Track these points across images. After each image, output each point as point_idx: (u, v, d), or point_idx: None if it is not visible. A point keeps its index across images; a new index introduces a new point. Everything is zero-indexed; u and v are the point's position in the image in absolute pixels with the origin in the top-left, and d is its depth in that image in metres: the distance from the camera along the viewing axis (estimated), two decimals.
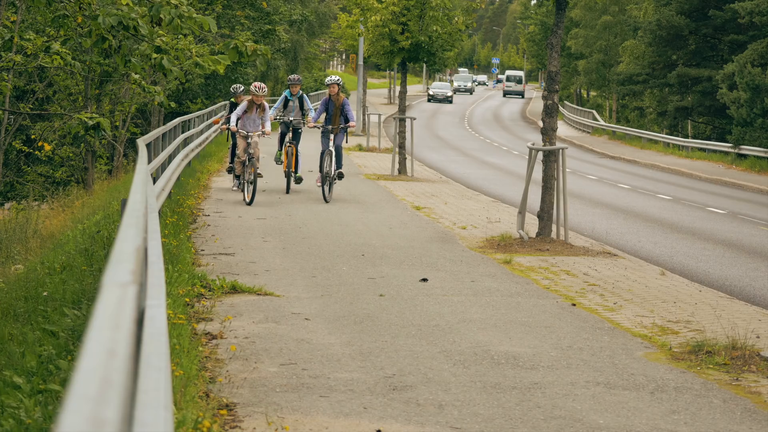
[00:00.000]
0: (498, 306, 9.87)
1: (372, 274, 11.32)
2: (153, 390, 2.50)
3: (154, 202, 7.69)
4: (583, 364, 7.75)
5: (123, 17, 11.05)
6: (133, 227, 2.92)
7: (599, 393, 6.95)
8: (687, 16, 47.21)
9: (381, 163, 29.46)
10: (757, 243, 16.74)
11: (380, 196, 20.30)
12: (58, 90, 31.98)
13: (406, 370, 7.32)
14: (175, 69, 11.49)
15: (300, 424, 5.99)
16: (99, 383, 1.28)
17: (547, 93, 14.46)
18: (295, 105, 19.38)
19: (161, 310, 3.49)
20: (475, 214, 17.95)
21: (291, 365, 7.34)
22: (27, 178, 33.38)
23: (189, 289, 9.61)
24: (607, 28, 69.92)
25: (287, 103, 19.44)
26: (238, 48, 10.86)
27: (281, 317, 8.96)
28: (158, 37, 11.50)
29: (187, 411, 5.62)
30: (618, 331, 9.04)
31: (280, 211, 16.88)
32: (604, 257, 13.67)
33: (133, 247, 2.45)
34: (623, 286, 11.46)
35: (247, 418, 6.06)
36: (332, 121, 18.58)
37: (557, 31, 14.34)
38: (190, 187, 19.35)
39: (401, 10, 24.09)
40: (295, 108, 19.36)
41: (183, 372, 6.24)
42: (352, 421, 6.12)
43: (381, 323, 8.86)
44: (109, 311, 1.68)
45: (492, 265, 12.39)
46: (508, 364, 7.64)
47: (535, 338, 8.55)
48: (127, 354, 1.46)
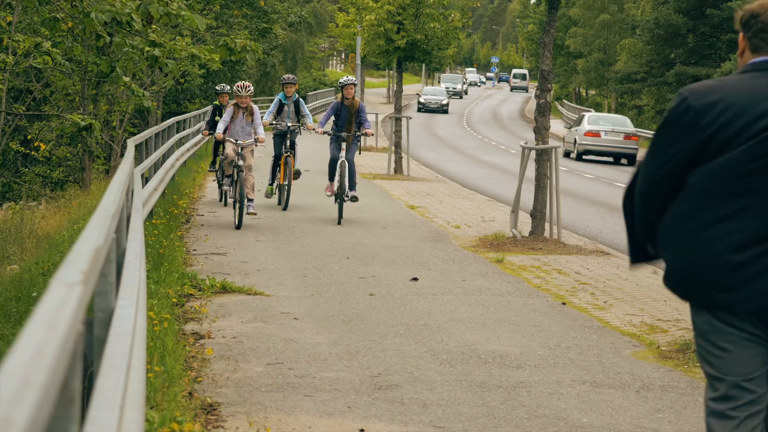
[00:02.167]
0: (488, 305, 9.87)
1: (363, 274, 11.32)
2: (110, 390, 2.50)
3: (139, 202, 7.70)
4: (570, 362, 7.75)
5: (116, 14, 11.07)
6: (98, 227, 2.93)
7: (584, 392, 6.95)
8: (685, 15, 47.23)
9: (378, 162, 29.47)
10: None
11: (375, 195, 20.30)
12: (55, 90, 31.99)
13: (392, 369, 7.32)
14: (170, 62, 11.48)
15: (283, 424, 5.99)
16: (17, 384, 1.28)
17: (539, 92, 14.46)
18: (290, 110, 16.69)
19: (131, 310, 3.49)
20: (469, 213, 17.95)
21: (277, 365, 7.34)
22: (24, 178, 33.39)
23: (178, 288, 9.61)
24: (606, 27, 69.96)
25: (282, 107, 16.73)
26: (228, 45, 10.86)
27: (270, 317, 8.96)
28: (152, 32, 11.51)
29: (167, 411, 5.61)
30: (607, 329, 9.05)
31: (274, 211, 16.88)
32: (597, 256, 13.68)
33: (91, 247, 2.45)
34: (614, 284, 11.46)
35: (231, 418, 6.06)
36: (346, 128, 15.85)
37: (549, 30, 14.34)
38: (185, 187, 19.36)
39: (396, 9, 24.10)
40: (290, 113, 16.67)
41: (165, 371, 6.24)
42: (335, 420, 6.12)
43: (370, 322, 8.86)
44: (48, 312, 1.68)
45: (484, 264, 12.39)
46: (495, 363, 7.64)
47: (523, 337, 8.55)
48: (56, 355, 1.46)
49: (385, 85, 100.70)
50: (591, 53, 70.26)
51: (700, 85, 4.03)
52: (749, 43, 4.04)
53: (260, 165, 22.13)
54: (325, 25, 67.58)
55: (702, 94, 3.95)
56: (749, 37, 4.04)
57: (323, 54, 78.08)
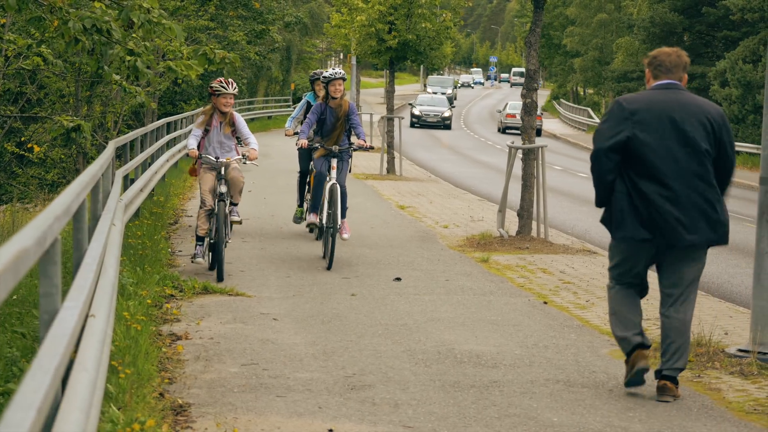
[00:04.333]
0: (469, 305, 9.87)
1: (347, 274, 11.32)
2: (31, 392, 2.50)
3: (113, 204, 7.70)
4: (546, 362, 7.76)
5: (96, 20, 11.07)
6: (34, 228, 2.93)
7: (557, 390, 6.95)
8: (680, 13, 47.22)
9: (371, 162, 29.48)
10: (740, 240, 16.73)
11: (366, 195, 20.30)
12: (49, 92, 32.00)
13: (367, 369, 7.33)
14: (149, 72, 11.50)
15: (252, 425, 5.99)
16: None
17: (526, 91, 14.46)
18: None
19: (75, 312, 3.49)
20: (459, 213, 17.96)
21: (252, 365, 7.34)
22: (19, 180, 33.40)
23: (158, 290, 9.61)
24: (603, 26, 69.93)
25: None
26: (207, 55, 10.86)
27: (249, 317, 8.97)
28: (131, 40, 11.51)
29: (134, 411, 5.62)
30: (586, 328, 9.05)
31: (262, 211, 16.88)
32: (584, 255, 13.68)
33: (15, 248, 2.47)
34: (598, 283, 11.46)
35: (200, 419, 6.06)
36: (331, 138, 11.93)
37: (535, 30, 14.34)
38: (175, 188, 19.37)
39: (388, 9, 24.10)
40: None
41: (134, 372, 6.24)
42: (305, 420, 6.12)
43: (349, 323, 8.86)
44: None
45: (468, 264, 12.40)
46: (471, 362, 7.64)
47: (501, 336, 8.56)
48: None
49: (382, 85, 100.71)
50: (588, 52, 70.25)
51: (629, 95, 6.99)
52: (652, 73, 6.98)
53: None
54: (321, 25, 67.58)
55: (630, 101, 6.89)
56: (652, 70, 6.98)
57: (321, 55, 78.02)
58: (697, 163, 6.70)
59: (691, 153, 6.70)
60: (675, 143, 6.70)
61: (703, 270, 7.14)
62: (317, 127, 11.99)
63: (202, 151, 11.13)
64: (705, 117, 6.77)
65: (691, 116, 6.75)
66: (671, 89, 6.85)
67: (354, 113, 12.04)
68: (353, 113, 12.03)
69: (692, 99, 6.88)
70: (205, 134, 11.14)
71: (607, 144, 6.73)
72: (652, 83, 6.94)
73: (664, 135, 6.71)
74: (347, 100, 12.01)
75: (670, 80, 6.89)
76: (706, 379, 7.46)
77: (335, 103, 11.90)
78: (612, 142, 6.72)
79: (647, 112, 6.74)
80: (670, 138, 6.70)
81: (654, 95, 6.83)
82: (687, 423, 6.38)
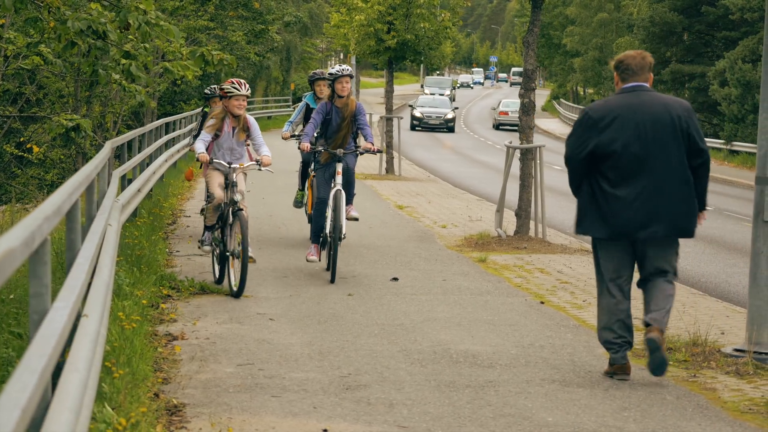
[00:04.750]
0: (465, 305, 9.87)
1: (344, 274, 11.32)
2: (17, 392, 2.50)
3: (109, 204, 7.70)
4: (542, 361, 7.76)
5: (92, 22, 11.07)
6: (20, 229, 2.93)
7: (552, 390, 6.95)
8: (680, 13, 47.21)
9: (370, 162, 29.48)
10: (738, 239, 16.75)
11: (365, 195, 20.30)
12: (49, 93, 32.01)
13: (362, 369, 7.32)
14: (144, 75, 11.50)
15: (246, 425, 5.99)
16: None
17: (523, 91, 14.46)
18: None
19: (65, 312, 3.49)
20: (457, 213, 17.96)
21: (248, 365, 7.34)
22: (19, 180, 33.40)
23: (155, 290, 9.61)
24: (603, 26, 69.92)
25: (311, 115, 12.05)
26: (204, 56, 10.85)
27: (246, 317, 8.97)
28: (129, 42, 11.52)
29: (128, 412, 5.62)
30: (582, 328, 9.04)
31: (260, 210, 16.89)
32: (581, 255, 13.68)
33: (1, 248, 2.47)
34: (595, 283, 11.42)
35: (195, 419, 6.06)
36: (336, 140, 11.22)
37: (533, 29, 14.34)
38: (174, 188, 19.37)
39: (387, 9, 24.11)
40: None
41: (128, 372, 6.24)
42: (299, 421, 6.12)
43: (345, 323, 8.86)
44: None
45: (466, 264, 12.39)
46: (466, 362, 7.64)
47: (497, 336, 8.55)
48: None
49: (382, 85, 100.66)
50: (588, 52, 70.25)
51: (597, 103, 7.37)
52: (620, 77, 7.34)
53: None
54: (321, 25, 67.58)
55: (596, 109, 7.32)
56: (620, 74, 7.34)
57: (321, 55, 78.02)
58: (663, 160, 7.09)
59: (658, 152, 7.09)
60: (642, 144, 7.10)
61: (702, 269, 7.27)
62: (322, 127, 11.25)
63: (210, 155, 10.41)
64: (670, 115, 7.14)
65: (657, 116, 7.13)
66: (637, 92, 7.25)
67: (362, 113, 11.28)
68: (361, 113, 11.27)
69: (658, 99, 7.24)
70: (214, 138, 10.37)
71: (580, 155, 7.24)
72: (620, 86, 7.38)
73: (631, 138, 7.11)
74: (354, 99, 11.27)
75: (637, 83, 7.29)
76: (702, 379, 7.46)
77: (341, 102, 11.13)
78: (584, 153, 7.21)
79: (614, 118, 7.16)
80: (638, 139, 7.10)
81: (621, 99, 7.25)
82: (682, 423, 6.37)
